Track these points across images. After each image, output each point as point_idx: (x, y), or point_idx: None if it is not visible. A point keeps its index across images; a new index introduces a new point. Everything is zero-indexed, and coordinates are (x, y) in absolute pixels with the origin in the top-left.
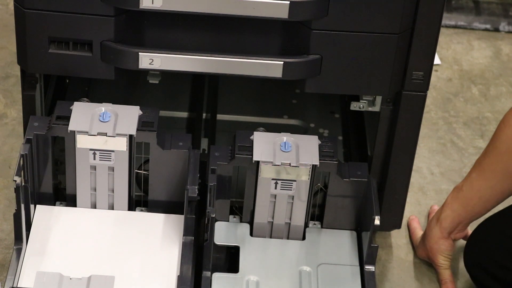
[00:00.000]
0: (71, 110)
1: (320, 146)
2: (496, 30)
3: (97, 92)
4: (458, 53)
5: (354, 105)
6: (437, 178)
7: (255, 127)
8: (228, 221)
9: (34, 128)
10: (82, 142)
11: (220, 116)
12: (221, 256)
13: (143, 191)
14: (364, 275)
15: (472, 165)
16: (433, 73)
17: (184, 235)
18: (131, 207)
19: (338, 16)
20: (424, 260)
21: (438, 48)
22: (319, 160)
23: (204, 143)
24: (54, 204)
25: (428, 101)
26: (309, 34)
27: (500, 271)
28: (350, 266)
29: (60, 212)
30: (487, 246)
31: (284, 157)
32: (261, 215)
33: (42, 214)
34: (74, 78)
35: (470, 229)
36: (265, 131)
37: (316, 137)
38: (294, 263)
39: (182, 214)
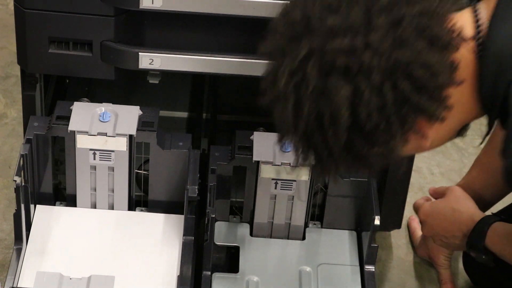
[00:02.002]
0: (71, 110)
1: None
2: None
3: (97, 92)
4: None
5: None
6: (437, 178)
7: (255, 127)
8: (228, 221)
9: (34, 128)
10: (82, 142)
11: (220, 116)
12: (221, 256)
13: (143, 191)
14: (364, 275)
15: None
16: None
17: (184, 235)
18: (131, 207)
19: None
20: (424, 260)
21: None
22: None
23: (204, 143)
24: (54, 204)
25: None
26: None
27: (499, 271)
28: (350, 266)
29: (60, 212)
30: None
31: (284, 157)
32: (261, 215)
33: (42, 214)
34: (74, 78)
35: None
36: (265, 131)
37: None
38: (294, 263)
39: (182, 214)
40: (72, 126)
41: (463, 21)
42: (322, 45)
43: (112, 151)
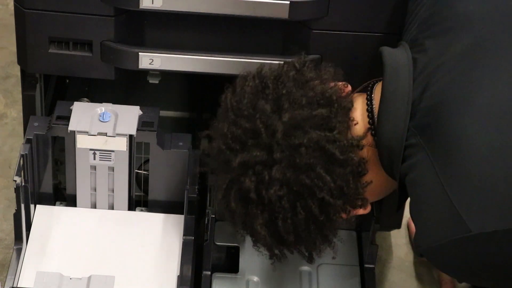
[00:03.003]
0: (71, 110)
1: None
2: None
3: (97, 92)
4: None
5: None
6: None
7: None
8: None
9: (34, 128)
10: (82, 142)
11: None
12: (221, 256)
13: (143, 191)
14: (364, 275)
15: None
16: None
17: (184, 235)
18: (131, 207)
19: (338, 16)
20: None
21: None
22: None
23: (204, 143)
24: (54, 204)
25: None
26: (309, 34)
27: None
28: (350, 266)
29: (60, 212)
30: None
31: None
32: None
33: (42, 214)
34: (74, 78)
35: None
36: None
37: None
38: (294, 263)
39: (182, 214)
40: (72, 126)
41: (360, 113)
42: (237, 178)
43: (112, 151)
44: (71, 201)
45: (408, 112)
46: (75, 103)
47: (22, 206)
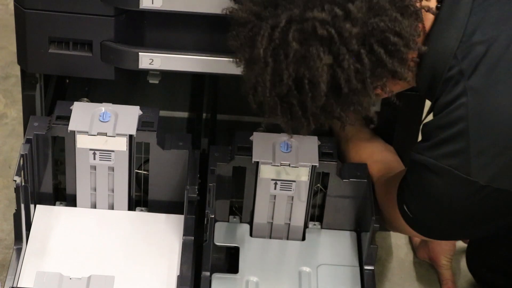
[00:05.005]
0: (71, 110)
1: (319, 146)
2: None
3: (97, 92)
4: None
5: None
6: None
7: (255, 127)
8: (228, 221)
9: (34, 128)
10: (82, 142)
11: (220, 116)
12: (221, 256)
13: (143, 191)
14: (363, 276)
15: None
16: None
17: (184, 235)
18: (131, 207)
19: None
20: (424, 260)
21: None
22: (319, 160)
23: (204, 143)
24: (54, 204)
25: (428, 101)
26: None
27: (504, 264)
28: (350, 266)
29: (60, 212)
30: (491, 241)
31: (284, 157)
32: (261, 216)
33: (42, 214)
34: (74, 78)
35: None
36: (264, 131)
37: (316, 137)
38: (294, 264)
39: (182, 214)
40: (72, 126)
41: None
42: (301, 14)
43: (112, 151)
44: (71, 201)
45: (458, 39)
46: (75, 103)
47: (22, 206)
